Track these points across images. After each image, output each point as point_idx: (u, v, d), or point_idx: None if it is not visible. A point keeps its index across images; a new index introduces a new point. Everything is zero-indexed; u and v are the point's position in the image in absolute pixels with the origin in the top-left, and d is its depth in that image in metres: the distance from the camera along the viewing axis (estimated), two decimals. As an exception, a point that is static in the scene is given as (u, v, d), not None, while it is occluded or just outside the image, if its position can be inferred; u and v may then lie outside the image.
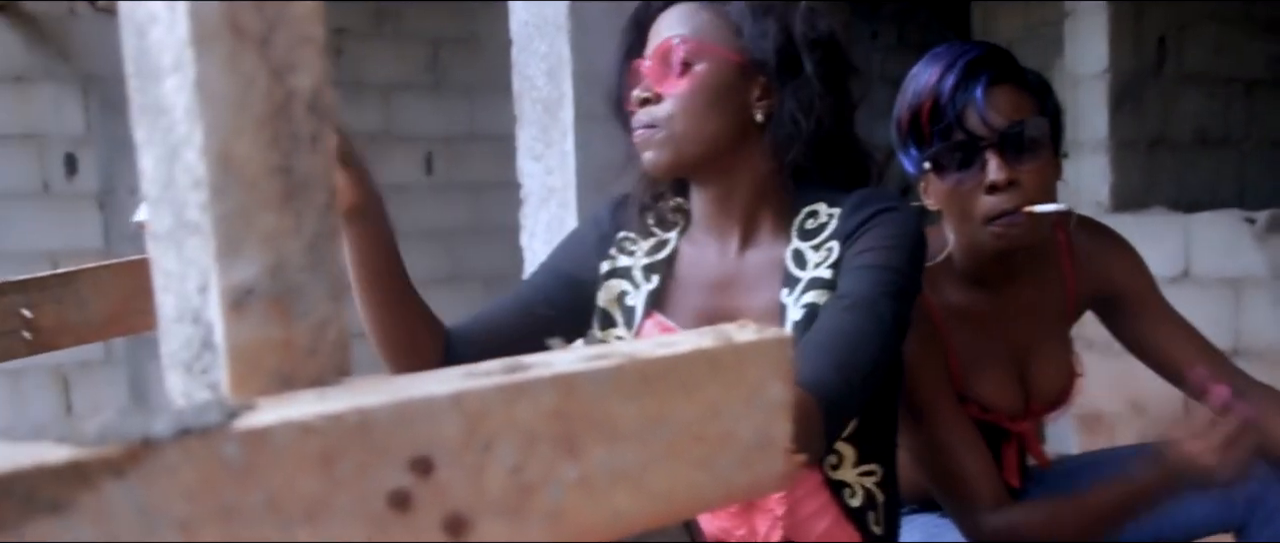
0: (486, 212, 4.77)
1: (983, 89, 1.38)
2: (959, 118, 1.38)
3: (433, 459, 0.40)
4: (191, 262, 0.42)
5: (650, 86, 1.30)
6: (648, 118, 1.30)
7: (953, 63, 1.40)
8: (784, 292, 1.29)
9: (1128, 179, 3.33)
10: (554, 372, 0.42)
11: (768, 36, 1.29)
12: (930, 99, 1.40)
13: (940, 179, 1.43)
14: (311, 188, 0.42)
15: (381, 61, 4.60)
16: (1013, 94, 1.40)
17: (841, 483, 1.29)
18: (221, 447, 0.36)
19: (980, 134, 1.38)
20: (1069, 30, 3.38)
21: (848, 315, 1.18)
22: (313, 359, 0.43)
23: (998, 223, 1.39)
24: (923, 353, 1.43)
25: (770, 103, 1.31)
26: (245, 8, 0.40)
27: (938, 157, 1.41)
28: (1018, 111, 1.39)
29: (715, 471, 0.47)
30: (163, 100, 0.41)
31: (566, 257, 1.44)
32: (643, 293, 1.36)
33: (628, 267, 1.38)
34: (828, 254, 1.28)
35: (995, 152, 1.38)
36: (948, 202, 1.45)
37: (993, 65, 1.40)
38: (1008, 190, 1.38)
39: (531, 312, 1.39)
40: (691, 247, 1.37)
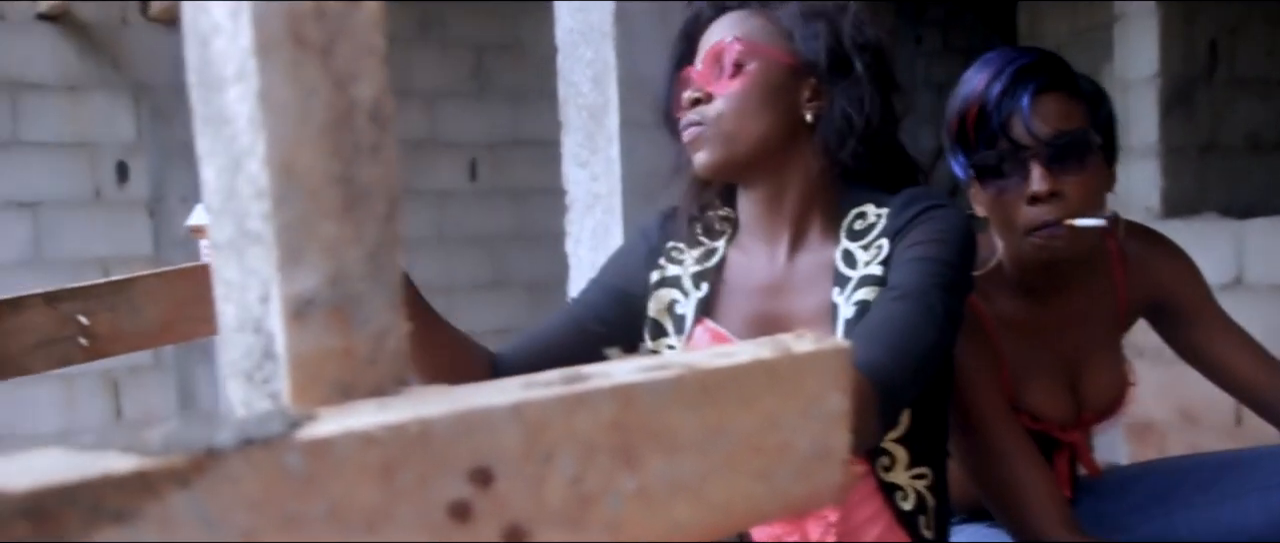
0: (530, 218, 4.79)
1: (1030, 97, 1.36)
2: (1004, 125, 1.37)
3: (493, 470, 0.40)
4: (253, 271, 0.42)
5: (701, 87, 1.31)
6: (697, 116, 1.30)
7: (1002, 68, 1.38)
8: (835, 291, 1.29)
9: (1179, 185, 3.28)
10: (613, 382, 0.42)
11: (818, 38, 1.30)
12: (977, 105, 1.38)
13: (984, 187, 1.42)
14: (372, 197, 0.42)
15: (426, 68, 4.63)
16: (1062, 103, 1.38)
17: (894, 486, 1.28)
18: (284, 457, 0.36)
19: (1025, 143, 1.36)
20: (1119, 34, 3.34)
21: (898, 305, 1.19)
22: (372, 369, 0.43)
23: (1038, 234, 1.38)
24: (976, 361, 1.41)
25: (820, 104, 1.31)
26: (308, 18, 0.40)
27: (981, 164, 1.40)
28: (1065, 121, 1.37)
29: (773, 482, 0.47)
30: (226, 110, 0.42)
31: (616, 272, 1.44)
32: (692, 301, 1.35)
33: (677, 276, 1.38)
34: (877, 251, 1.27)
35: (1039, 161, 1.36)
36: (992, 210, 1.43)
37: (1043, 72, 1.38)
38: (1050, 201, 1.36)
39: (583, 329, 1.39)
40: (740, 253, 1.37)
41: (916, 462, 1.29)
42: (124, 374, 4.09)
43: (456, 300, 4.64)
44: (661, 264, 1.40)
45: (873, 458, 1.28)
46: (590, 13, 2.05)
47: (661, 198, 1.47)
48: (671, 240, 1.42)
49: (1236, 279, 2.95)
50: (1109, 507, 1.60)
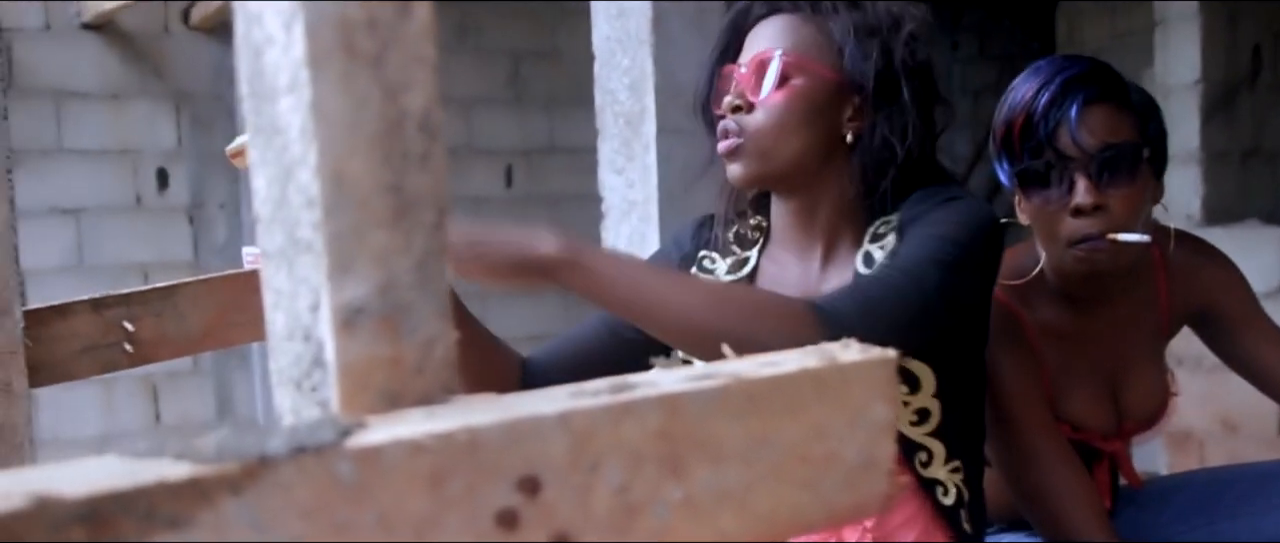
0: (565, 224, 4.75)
1: (1078, 108, 1.33)
2: (1051, 136, 1.34)
3: (540, 479, 0.40)
4: (303, 280, 0.42)
5: (744, 94, 1.29)
6: (736, 125, 1.29)
7: (1052, 77, 1.36)
8: None
9: (1220, 191, 3.25)
10: (660, 392, 0.42)
11: (869, 59, 1.28)
12: (1024, 114, 1.36)
13: (1027, 197, 1.40)
14: (421, 206, 0.42)
15: (463, 75, 4.65)
16: (1110, 115, 1.36)
17: (934, 481, 1.28)
18: (335, 465, 0.37)
19: (1070, 154, 1.34)
20: (1159, 39, 3.30)
21: (885, 270, 1.19)
22: (420, 377, 0.43)
23: (1080, 247, 1.36)
24: (1016, 368, 1.40)
25: (861, 124, 1.30)
26: (360, 29, 0.40)
27: (1026, 173, 1.38)
28: (1113, 134, 1.35)
29: (819, 492, 0.47)
30: (278, 120, 0.42)
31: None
32: None
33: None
34: (891, 245, 1.27)
35: (1084, 174, 1.34)
36: (1036, 220, 1.42)
37: (1093, 83, 1.36)
38: (1094, 215, 1.34)
39: (617, 335, 1.37)
40: (772, 263, 1.36)
41: (953, 455, 1.28)
42: (163, 380, 4.13)
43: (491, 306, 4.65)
44: (694, 273, 1.39)
45: (911, 455, 1.27)
46: (628, 20, 2.06)
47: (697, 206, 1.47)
48: (704, 250, 1.41)
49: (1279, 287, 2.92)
50: (1150, 517, 1.59)
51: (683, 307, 1.12)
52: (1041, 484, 1.39)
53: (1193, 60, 3.20)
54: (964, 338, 1.28)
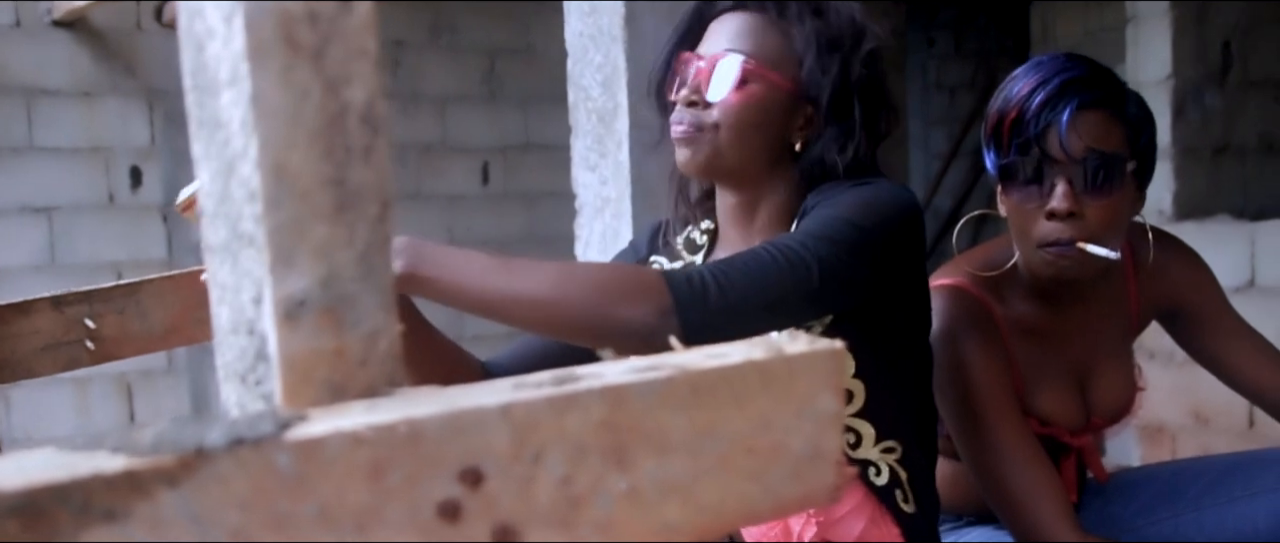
0: (542, 222, 4.79)
1: (1071, 112, 1.32)
2: (1040, 135, 1.34)
3: (482, 470, 0.40)
4: (246, 273, 0.42)
5: (700, 89, 1.30)
6: (692, 119, 1.30)
7: (1051, 77, 1.35)
8: None
9: (1191, 187, 3.27)
10: (603, 383, 0.42)
11: (827, 74, 1.29)
12: (1017, 109, 1.36)
13: (1006, 192, 1.41)
14: (364, 199, 0.42)
15: (438, 73, 4.64)
16: (1102, 123, 1.35)
17: (866, 462, 1.28)
18: (274, 457, 0.37)
19: (1055, 156, 1.34)
20: (1131, 36, 3.33)
21: (761, 246, 1.17)
22: (364, 370, 0.43)
23: (1049, 250, 1.36)
24: (985, 362, 1.41)
25: (809, 132, 1.32)
26: (300, 22, 0.40)
27: (1009, 168, 1.38)
28: (1102, 142, 1.34)
29: (765, 483, 0.47)
30: (220, 114, 0.42)
31: None
32: None
33: None
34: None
35: (1065, 178, 1.34)
36: (1011, 216, 1.42)
37: (1091, 89, 1.35)
38: (1067, 220, 1.34)
39: None
40: (722, 248, 1.39)
41: (884, 436, 1.29)
42: (137, 378, 4.10)
43: (468, 304, 4.64)
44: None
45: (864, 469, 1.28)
46: (600, 16, 2.06)
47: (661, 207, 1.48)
48: (656, 256, 1.44)
49: (1249, 281, 2.94)
50: (1116, 510, 1.60)
51: (531, 294, 1.10)
52: (1008, 479, 1.39)
53: (1163, 57, 3.22)
54: (884, 318, 1.27)
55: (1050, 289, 1.48)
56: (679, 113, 1.31)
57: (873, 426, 1.28)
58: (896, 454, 1.29)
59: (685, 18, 1.39)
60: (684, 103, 1.31)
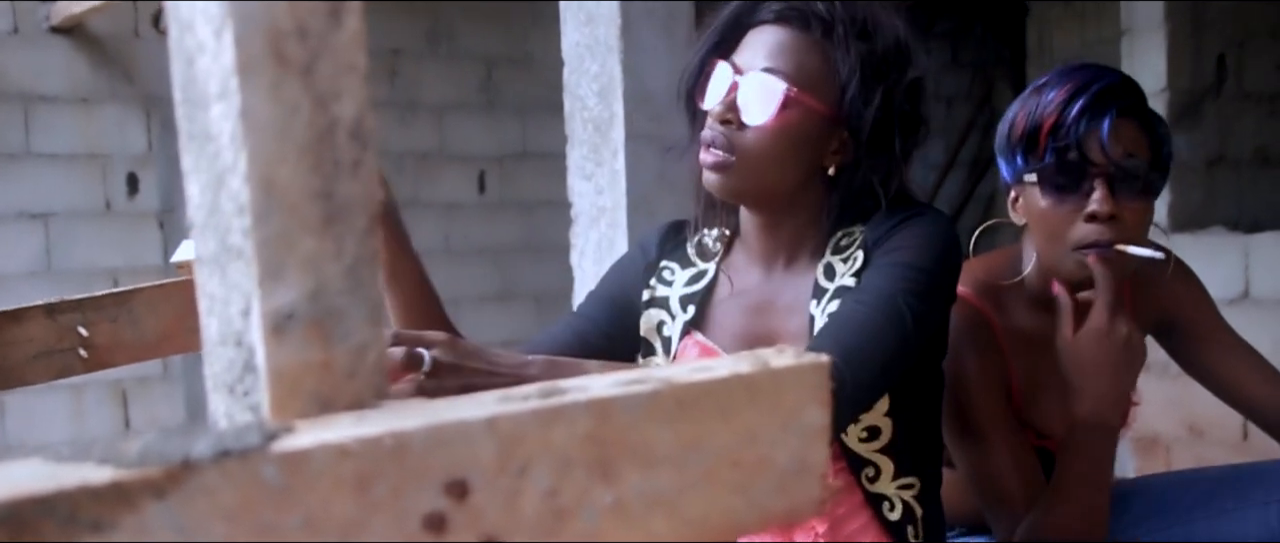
0: (538, 230, 4.80)
1: (1111, 119, 1.35)
2: (1081, 140, 1.36)
3: (468, 482, 0.40)
4: (235, 286, 0.43)
5: (735, 107, 1.26)
6: (724, 141, 1.26)
7: (1087, 84, 1.38)
8: (813, 303, 1.29)
9: (1186, 199, 3.28)
10: (589, 396, 0.43)
11: (869, 105, 1.26)
12: (1055, 114, 1.38)
13: (1042, 195, 1.41)
14: (352, 213, 0.42)
15: (435, 82, 4.65)
16: (1136, 130, 1.38)
17: (880, 496, 1.29)
18: (260, 469, 0.37)
19: (1096, 161, 1.36)
20: (1126, 48, 3.34)
21: (862, 308, 1.18)
22: (352, 382, 0.43)
23: (1088, 252, 1.38)
24: (983, 373, 1.41)
25: (844, 157, 1.29)
26: (289, 37, 0.40)
27: (1047, 172, 1.39)
28: (1137, 148, 1.38)
29: (751, 496, 0.47)
30: (209, 128, 0.42)
31: (617, 284, 1.43)
32: (679, 324, 1.35)
33: (665, 297, 1.37)
34: (854, 263, 1.28)
35: (1104, 182, 1.36)
36: (1040, 220, 1.42)
37: (1124, 98, 1.38)
38: (1107, 223, 1.36)
39: (585, 341, 1.37)
40: (733, 270, 1.37)
41: (902, 472, 1.29)
42: (133, 385, 4.10)
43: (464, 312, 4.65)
44: (653, 284, 1.39)
45: (858, 469, 1.28)
46: (597, 26, 2.06)
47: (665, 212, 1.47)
48: (666, 260, 1.41)
49: (1243, 293, 2.95)
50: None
51: None
52: (1002, 490, 1.40)
53: (1159, 69, 3.23)
54: (922, 356, 1.29)
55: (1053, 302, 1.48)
56: (711, 131, 1.27)
57: (894, 461, 1.28)
58: (914, 491, 1.30)
59: (723, 21, 1.32)
60: (717, 119, 1.27)
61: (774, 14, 1.28)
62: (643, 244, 1.45)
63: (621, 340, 1.38)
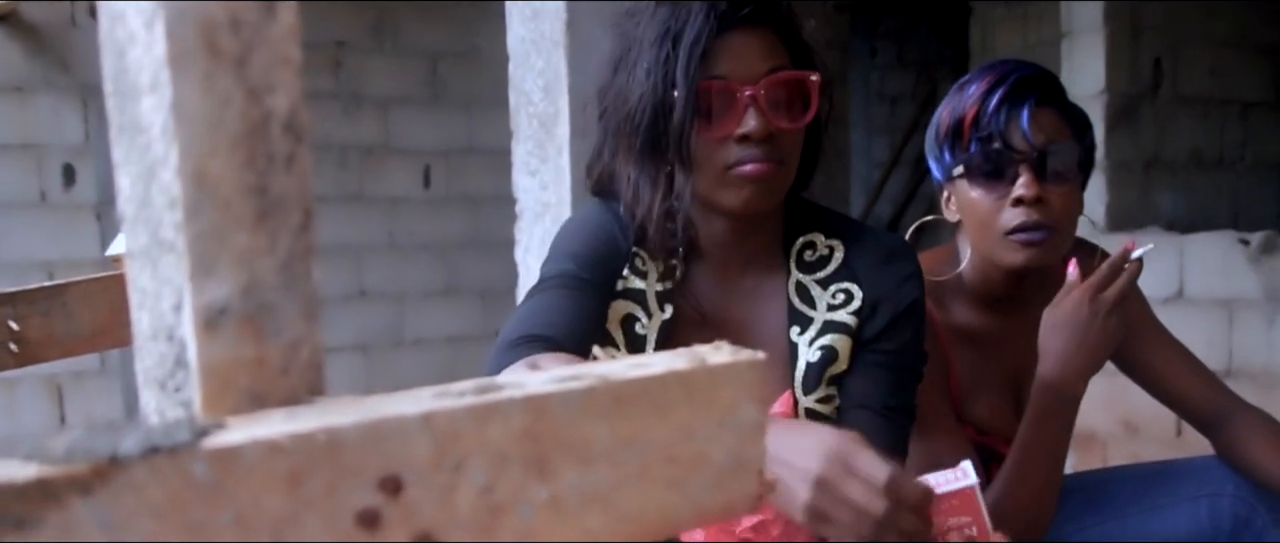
0: (484, 225, 4.78)
1: (1030, 107, 1.40)
2: (1003, 130, 1.41)
3: (402, 479, 0.40)
4: (166, 280, 0.42)
5: (773, 121, 1.20)
6: (769, 154, 1.20)
7: (1005, 77, 1.42)
8: (794, 330, 1.28)
9: (1123, 200, 3.34)
10: (526, 393, 0.43)
11: (828, 86, 1.26)
12: (976, 106, 1.42)
13: (971, 186, 1.44)
14: (286, 208, 0.42)
15: (380, 75, 4.61)
16: (1056, 118, 1.43)
17: None
18: (190, 465, 0.37)
19: (1019, 148, 1.40)
20: (1066, 51, 3.39)
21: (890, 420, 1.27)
22: (285, 378, 0.43)
23: (1018, 235, 1.41)
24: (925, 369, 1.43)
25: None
26: (222, 29, 0.40)
27: (973, 163, 1.42)
28: (1058, 135, 1.42)
29: (687, 492, 0.47)
30: (140, 120, 0.42)
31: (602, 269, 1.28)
32: (656, 324, 1.28)
33: (641, 291, 1.28)
34: (846, 298, 1.28)
35: (1029, 168, 1.40)
36: (971, 211, 1.45)
37: (1042, 87, 1.43)
38: (1034, 206, 1.40)
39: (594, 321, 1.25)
40: (696, 274, 1.31)
41: None
42: (68, 380, 4.03)
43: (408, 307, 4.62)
44: (626, 273, 1.29)
45: None
46: (542, 21, 2.06)
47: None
48: (638, 247, 1.30)
49: (1178, 293, 3.00)
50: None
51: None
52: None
53: (1097, 71, 3.29)
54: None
55: (995, 297, 1.50)
56: (755, 153, 1.20)
57: None
58: None
59: (696, 40, 1.20)
60: (759, 134, 1.19)
61: (739, 19, 1.22)
62: (608, 232, 1.30)
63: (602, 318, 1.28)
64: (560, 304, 1.20)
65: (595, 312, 1.23)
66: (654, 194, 1.23)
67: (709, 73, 1.20)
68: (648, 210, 1.24)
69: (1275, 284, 2.83)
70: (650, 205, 1.23)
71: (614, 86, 1.27)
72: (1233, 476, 1.50)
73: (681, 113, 1.19)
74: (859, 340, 1.28)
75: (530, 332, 1.15)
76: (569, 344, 1.14)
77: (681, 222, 1.24)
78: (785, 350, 1.28)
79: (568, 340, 1.15)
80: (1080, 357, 1.35)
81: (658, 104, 1.20)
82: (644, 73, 1.21)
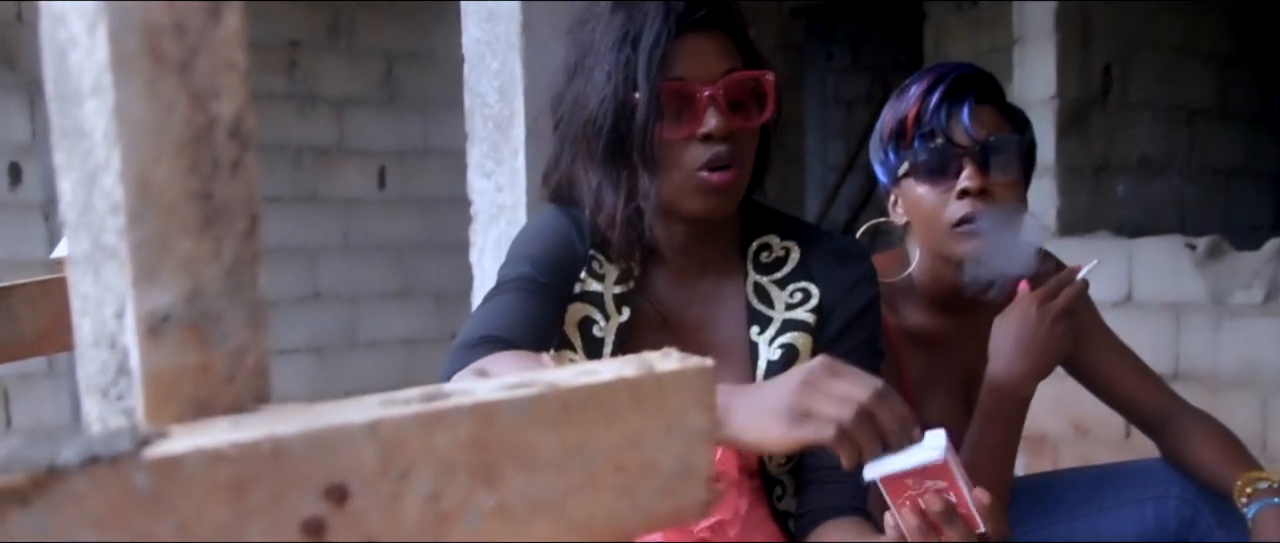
0: (439, 226, 4.75)
1: (970, 103, 1.43)
2: (944, 126, 1.43)
3: (348, 487, 0.40)
4: (108, 286, 0.42)
5: (731, 122, 1.22)
6: (731, 154, 1.21)
7: (944, 76, 1.45)
8: (753, 329, 1.29)
9: (1074, 204, 3.38)
10: (473, 400, 0.42)
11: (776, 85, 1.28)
12: (917, 105, 1.45)
13: (916, 183, 1.45)
14: (232, 214, 0.42)
15: (335, 75, 4.58)
16: (995, 115, 1.46)
17: (786, 513, 1.31)
18: (131, 475, 0.36)
19: (961, 143, 1.43)
20: (1018, 57, 3.42)
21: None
22: (230, 386, 0.42)
23: (963, 227, 1.42)
24: None
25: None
26: (166, 34, 0.40)
27: (916, 161, 1.44)
28: (999, 129, 1.45)
29: (636, 499, 0.47)
30: (82, 124, 0.41)
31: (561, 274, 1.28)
32: (613, 326, 1.28)
33: (598, 293, 1.28)
34: (804, 297, 1.29)
35: (972, 161, 1.42)
36: (917, 208, 1.47)
37: (981, 85, 1.47)
38: (979, 197, 1.42)
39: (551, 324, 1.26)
40: (653, 277, 1.31)
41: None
42: (15, 383, 3.96)
43: (363, 309, 4.59)
44: (583, 276, 1.29)
45: (770, 489, 1.30)
46: (497, 23, 2.05)
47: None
48: (594, 250, 1.30)
49: (1127, 296, 3.04)
50: None
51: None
52: None
53: (1048, 77, 3.33)
54: None
55: (945, 299, 1.52)
56: (719, 152, 1.21)
57: (795, 480, 1.31)
58: None
59: (656, 44, 1.20)
60: (720, 136, 1.21)
61: (694, 22, 1.23)
62: (566, 234, 1.30)
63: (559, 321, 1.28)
64: (517, 307, 1.21)
65: (552, 315, 1.24)
66: (617, 198, 1.23)
67: (668, 74, 1.21)
68: (612, 214, 1.24)
69: (1220, 288, 2.88)
70: (614, 209, 1.24)
71: (571, 93, 1.27)
72: (1178, 478, 1.52)
73: (645, 114, 1.20)
74: (818, 339, 1.29)
75: (487, 333, 1.15)
76: (526, 346, 1.15)
77: (647, 223, 1.24)
78: (746, 350, 1.29)
79: (524, 342, 1.15)
80: (1028, 360, 1.36)
81: (619, 107, 1.21)
82: (603, 77, 1.22)
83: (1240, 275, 2.84)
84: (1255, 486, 1.41)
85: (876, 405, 0.96)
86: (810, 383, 0.97)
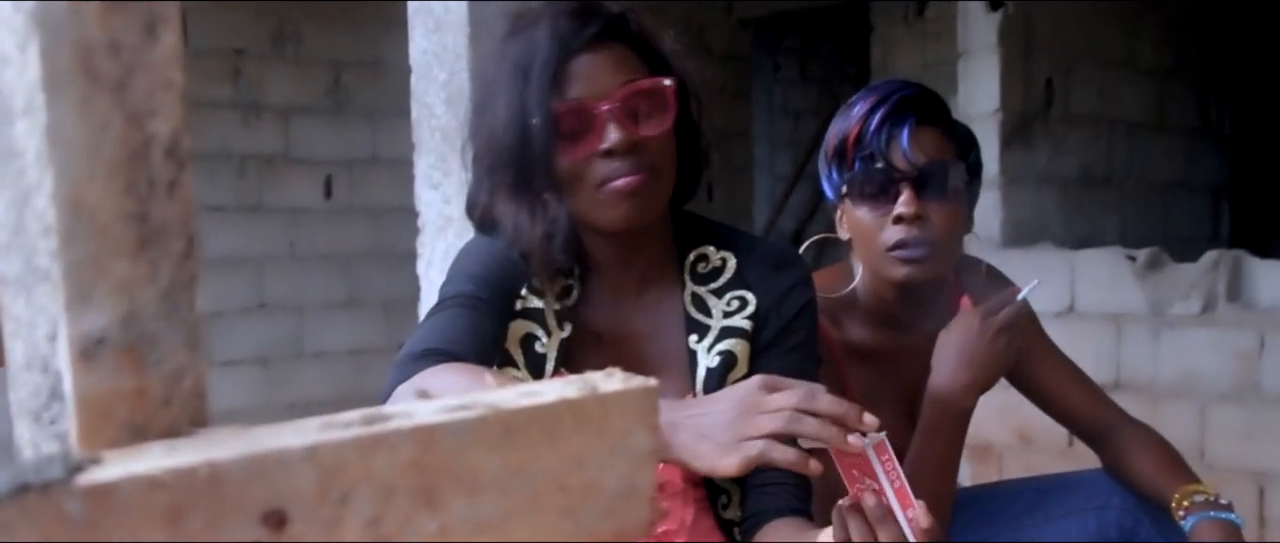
0: (386, 236, 4.72)
1: (910, 126, 1.43)
2: (884, 149, 1.43)
3: (287, 513, 0.39)
4: (41, 309, 0.41)
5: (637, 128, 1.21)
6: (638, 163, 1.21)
7: (887, 97, 1.45)
8: (692, 338, 1.29)
9: (1017, 215, 3.42)
10: (413, 423, 0.42)
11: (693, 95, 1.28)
12: (858, 126, 1.45)
13: (855, 205, 1.46)
14: (168, 235, 0.41)
15: (281, 84, 4.53)
16: (937, 137, 1.46)
17: (732, 522, 1.31)
18: (63, 503, 0.35)
19: (900, 167, 1.43)
20: (962, 70, 3.47)
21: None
22: (167, 410, 0.42)
23: (899, 252, 1.43)
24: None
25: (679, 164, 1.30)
26: (101, 52, 0.39)
27: (856, 182, 1.45)
28: (940, 153, 1.45)
29: (579, 520, 0.47)
30: (15, 143, 0.40)
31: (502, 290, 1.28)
32: (555, 342, 1.28)
33: (539, 309, 1.29)
34: (741, 305, 1.29)
35: (910, 185, 1.42)
36: (857, 229, 1.48)
37: (924, 107, 1.46)
38: (915, 223, 1.42)
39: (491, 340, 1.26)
40: (592, 292, 1.32)
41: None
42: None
43: (309, 319, 4.54)
44: (525, 294, 1.30)
45: (714, 498, 1.31)
46: (445, 34, 2.04)
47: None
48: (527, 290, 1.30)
49: (1069, 307, 3.09)
50: None
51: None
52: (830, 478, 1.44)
53: (992, 91, 3.37)
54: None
55: (887, 312, 1.53)
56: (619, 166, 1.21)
57: (741, 488, 1.31)
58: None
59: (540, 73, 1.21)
60: (621, 149, 1.21)
61: (587, 40, 1.23)
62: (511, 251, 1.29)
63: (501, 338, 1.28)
64: (460, 323, 1.21)
65: (494, 331, 1.25)
66: (531, 224, 1.24)
67: (563, 97, 1.21)
68: (529, 241, 1.25)
69: (1160, 299, 2.93)
70: (530, 236, 1.24)
71: (482, 128, 1.29)
72: (1118, 488, 1.55)
73: (541, 139, 1.21)
74: (756, 345, 1.30)
75: (431, 346, 1.16)
76: (470, 359, 1.15)
77: (561, 245, 1.24)
78: (685, 359, 1.30)
79: (469, 355, 1.16)
80: (970, 372, 1.38)
81: (520, 137, 1.22)
82: (503, 109, 1.23)
83: (1179, 287, 2.89)
84: (1192, 499, 1.43)
85: (810, 403, 0.99)
86: (747, 406, 1.00)
